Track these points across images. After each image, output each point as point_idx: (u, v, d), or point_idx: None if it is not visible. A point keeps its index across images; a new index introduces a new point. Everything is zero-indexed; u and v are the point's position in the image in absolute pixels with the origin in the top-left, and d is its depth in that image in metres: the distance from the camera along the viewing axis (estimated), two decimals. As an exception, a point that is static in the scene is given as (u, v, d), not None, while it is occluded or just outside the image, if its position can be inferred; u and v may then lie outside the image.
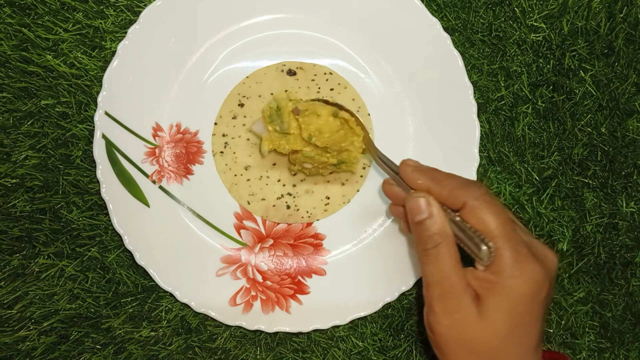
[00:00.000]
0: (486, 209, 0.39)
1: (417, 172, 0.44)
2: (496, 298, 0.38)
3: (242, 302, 0.53)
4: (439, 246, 0.41)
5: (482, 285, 0.39)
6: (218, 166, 0.55)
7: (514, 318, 0.38)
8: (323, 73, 0.55)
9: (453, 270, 0.40)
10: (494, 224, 0.39)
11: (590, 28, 0.55)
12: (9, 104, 0.54)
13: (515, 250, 0.38)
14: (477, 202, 0.40)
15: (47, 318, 0.53)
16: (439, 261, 0.41)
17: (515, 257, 0.38)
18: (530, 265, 0.38)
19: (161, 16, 0.53)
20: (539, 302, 0.39)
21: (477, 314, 0.39)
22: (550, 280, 0.39)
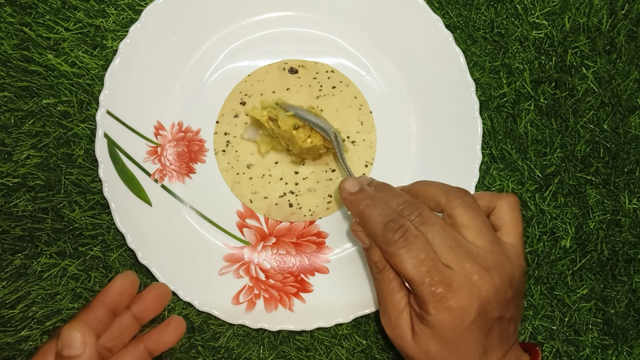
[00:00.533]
0: (399, 255, 0.41)
1: (347, 202, 0.46)
2: (420, 326, 0.42)
3: (245, 301, 0.53)
4: (381, 272, 0.45)
5: (413, 311, 0.43)
6: (220, 165, 0.54)
7: (440, 343, 0.42)
8: (325, 71, 0.55)
9: (393, 292, 0.44)
10: (407, 268, 0.41)
11: (592, 25, 0.55)
12: (10, 103, 0.54)
13: (429, 291, 0.40)
14: (390, 249, 0.42)
15: (50, 318, 0.53)
16: (382, 284, 0.45)
17: (429, 297, 0.41)
18: (446, 304, 0.40)
19: (163, 14, 0.53)
20: (464, 328, 0.41)
21: (411, 333, 0.43)
22: (479, 307, 0.41)
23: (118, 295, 0.43)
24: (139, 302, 0.44)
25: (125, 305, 0.44)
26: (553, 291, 0.54)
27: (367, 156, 0.55)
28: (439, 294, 0.40)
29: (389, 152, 0.55)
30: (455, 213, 0.43)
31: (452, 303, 0.40)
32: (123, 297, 0.43)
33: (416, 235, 0.42)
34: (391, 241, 0.42)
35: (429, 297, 0.41)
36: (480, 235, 0.43)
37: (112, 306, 0.43)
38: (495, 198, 0.46)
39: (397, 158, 0.55)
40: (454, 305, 0.40)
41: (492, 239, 0.43)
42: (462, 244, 0.42)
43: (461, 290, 0.41)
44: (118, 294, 0.43)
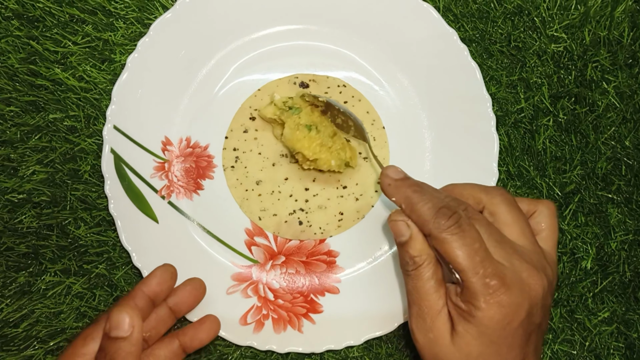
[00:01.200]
0: (452, 242, 0.39)
1: (392, 187, 0.43)
2: (465, 325, 0.39)
3: (253, 321, 0.51)
4: (418, 268, 0.41)
5: (455, 310, 0.40)
6: (229, 181, 0.53)
7: (484, 344, 0.39)
8: (336, 85, 0.54)
9: (430, 291, 0.41)
10: (460, 257, 0.39)
11: (613, 38, 0.53)
12: (17, 118, 0.53)
13: (482, 282, 0.38)
14: (442, 235, 0.39)
15: (54, 337, 0.52)
16: (418, 282, 0.42)
17: (482, 289, 0.38)
18: (498, 298, 0.38)
19: (171, 28, 0.52)
20: (513, 328, 0.39)
21: (450, 335, 0.40)
22: (528, 308, 0.39)
23: (158, 285, 0.45)
24: (175, 295, 0.47)
25: (164, 297, 0.46)
26: (573, 314, 0.52)
27: (379, 173, 0.53)
28: (493, 287, 0.38)
29: (403, 168, 0.53)
30: (498, 210, 0.42)
31: (505, 298, 0.38)
32: (162, 288, 0.45)
33: (469, 224, 0.40)
34: (444, 226, 0.39)
35: (482, 289, 0.38)
36: (524, 235, 0.42)
37: (152, 296, 0.45)
38: (535, 202, 0.45)
39: (411, 174, 0.53)
40: (507, 300, 0.38)
41: (534, 240, 0.42)
42: (507, 240, 0.41)
43: (514, 286, 0.38)
44: (158, 284, 0.45)
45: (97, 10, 0.54)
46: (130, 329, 0.39)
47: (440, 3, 0.54)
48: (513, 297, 0.38)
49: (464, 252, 0.38)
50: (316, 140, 0.50)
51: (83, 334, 0.43)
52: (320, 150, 0.51)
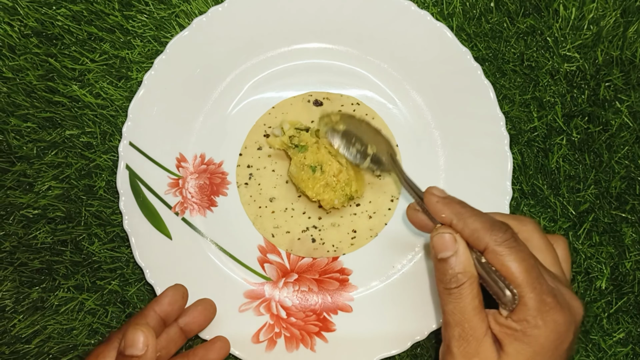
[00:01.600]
0: (510, 255, 0.38)
1: (441, 204, 0.42)
2: (517, 346, 0.38)
3: (266, 339, 0.51)
4: (462, 286, 0.40)
5: (504, 331, 0.38)
6: (242, 198, 0.53)
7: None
8: (350, 104, 0.54)
9: (475, 311, 0.39)
10: (518, 270, 0.38)
11: (626, 58, 0.54)
12: (33, 134, 0.53)
13: (540, 299, 0.37)
14: (500, 248, 0.38)
15: (65, 354, 0.52)
16: (461, 301, 0.40)
17: (539, 306, 0.37)
18: (554, 316, 0.37)
19: (187, 47, 0.53)
20: (561, 352, 0.38)
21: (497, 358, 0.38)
22: (574, 331, 0.38)
23: (169, 305, 0.46)
24: (186, 315, 0.47)
25: (175, 316, 0.46)
26: (588, 335, 0.52)
27: (393, 190, 0.53)
28: (549, 304, 0.37)
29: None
30: (532, 237, 0.42)
31: (559, 317, 0.37)
32: (174, 308, 0.46)
33: (522, 241, 0.39)
34: (501, 239, 0.38)
35: (540, 306, 0.37)
36: (556, 263, 0.41)
37: (164, 315, 0.45)
38: (551, 237, 0.44)
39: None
40: (561, 320, 0.37)
41: (562, 269, 0.42)
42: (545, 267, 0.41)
43: (565, 306, 0.38)
44: (169, 303, 0.46)
45: (115, 28, 0.54)
46: (144, 348, 0.40)
47: (454, 23, 0.54)
48: (566, 316, 0.37)
49: (522, 266, 0.38)
50: (320, 182, 0.51)
51: (95, 352, 0.43)
52: (323, 191, 0.51)
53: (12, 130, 0.53)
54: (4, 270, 0.52)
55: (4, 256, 0.52)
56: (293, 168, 0.52)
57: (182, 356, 0.47)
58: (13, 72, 0.54)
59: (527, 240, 0.41)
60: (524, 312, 0.37)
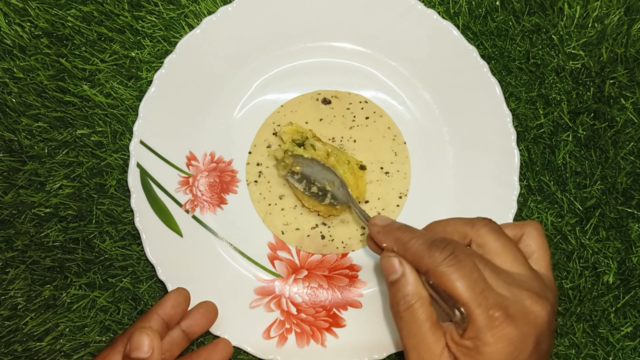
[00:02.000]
0: (450, 274, 0.37)
1: (382, 234, 0.43)
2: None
3: (277, 335, 0.51)
4: (412, 307, 0.39)
5: (460, 349, 0.38)
6: (252, 195, 0.54)
7: None
8: (358, 102, 0.55)
9: (429, 332, 0.39)
10: (461, 289, 0.37)
11: (630, 55, 0.54)
12: (45, 134, 0.54)
13: (487, 315, 0.36)
14: (440, 268, 0.38)
15: (77, 351, 0.52)
16: (413, 323, 0.39)
17: (487, 322, 0.36)
18: (505, 330, 0.36)
19: (197, 46, 0.53)
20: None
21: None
22: (536, 336, 0.37)
23: (173, 308, 0.46)
24: (188, 317, 0.48)
25: (178, 319, 0.47)
26: (596, 329, 0.52)
27: (401, 187, 0.54)
28: (498, 319, 0.36)
29: (424, 184, 0.54)
30: (486, 241, 0.40)
31: (511, 330, 0.36)
32: (177, 311, 0.46)
33: (464, 253, 0.38)
34: (439, 259, 0.38)
35: (487, 323, 0.36)
36: (517, 262, 0.40)
37: (167, 319, 0.46)
38: (521, 225, 0.43)
39: (432, 189, 0.54)
40: (513, 332, 0.36)
41: (529, 266, 0.40)
42: (502, 270, 0.39)
43: (518, 316, 0.37)
44: (173, 307, 0.46)
45: (124, 29, 0.55)
46: (150, 351, 0.40)
47: (460, 21, 0.55)
48: (519, 328, 0.37)
49: (464, 283, 0.37)
50: None
51: (100, 356, 0.43)
52: (318, 203, 0.52)
53: (23, 130, 0.54)
54: (16, 269, 0.53)
55: (16, 254, 0.53)
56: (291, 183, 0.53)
57: (186, 357, 0.48)
58: (24, 72, 0.54)
59: (483, 245, 0.40)
60: (474, 330, 0.37)
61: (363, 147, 0.54)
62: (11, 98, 0.54)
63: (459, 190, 0.53)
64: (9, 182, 0.53)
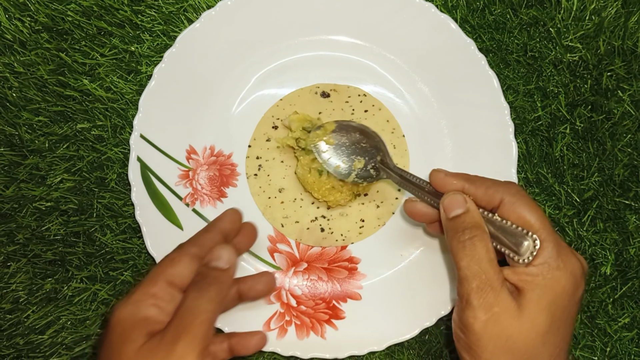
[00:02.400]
0: (524, 204, 0.40)
1: (450, 176, 0.44)
2: (537, 291, 0.39)
3: (277, 327, 0.51)
4: (475, 238, 0.41)
5: (523, 279, 0.39)
6: (252, 189, 0.54)
7: (554, 313, 0.38)
8: (357, 95, 0.55)
9: (491, 263, 0.40)
10: (534, 217, 0.39)
11: (627, 48, 0.54)
12: (45, 128, 0.54)
13: (558, 242, 0.39)
14: (514, 198, 0.41)
15: (79, 343, 0.52)
16: (475, 253, 0.40)
17: (559, 249, 0.39)
18: (572, 259, 0.39)
19: (197, 40, 0.53)
20: (577, 299, 0.39)
21: (517, 307, 0.39)
22: (585, 279, 0.40)
23: (230, 223, 0.47)
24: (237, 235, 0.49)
25: (234, 235, 0.48)
26: (594, 320, 0.53)
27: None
28: (565, 248, 0.39)
29: (423, 176, 0.54)
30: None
31: (575, 262, 0.39)
32: (233, 227, 0.47)
33: None
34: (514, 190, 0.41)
35: (559, 249, 0.39)
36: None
37: (225, 233, 0.47)
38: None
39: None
40: (577, 265, 0.39)
41: None
42: None
43: (576, 255, 0.40)
44: (230, 222, 0.47)
45: (124, 23, 0.55)
46: (228, 264, 0.42)
47: (458, 15, 0.55)
48: (579, 262, 0.39)
49: (537, 213, 0.40)
50: (326, 185, 0.52)
51: (169, 257, 0.44)
52: (329, 193, 0.52)
53: (24, 124, 0.54)
54: (18, 262, 0.53)
55: (18, 248, 0.53)
56: (299, 170, 0.53)
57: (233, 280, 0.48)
58: (24, 67, 0.54)
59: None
60: (545, 256, 0.39)
61: (362, 140, 0.55)
62: (12, 92, 0.54)
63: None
64: (10, 176, 0.54)
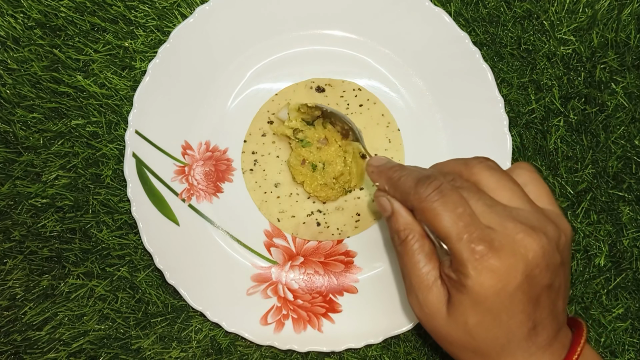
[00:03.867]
0: (432, 210, 0.38)
1: (375, 173, 0.44)
2: (459, 297, 0.38)
3: (274, 321, 0.52)
4: (405, 241, 0.41)
5: (449, 281, 0.39)
6: (248, 184, 0.54)
7: (479, 313, 0.38)
8: (352, 89, 0.55)
9: (419, 265, 0.40)
10: (442, 223, 0.37)
11: (620, 40, 0.55)
12: (40, 125, 0.54)
13: (468, 248, 0.36)
14: (423, 204, 0.38)
15: (77, 339, 0.52)
16: (406, 255, 0.41)
17: (468, 256, 0.36)
18: (487, 262, 0.36)
19: (191, 35, 0.53)
20: (509, 294, 0.37)
21: (446, 308, 0.39)
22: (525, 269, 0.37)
23: None
24: None
25: None
26: (588, 311, 0.53)
27: (395, 174, 0.54)
28: (480, 252, 0.36)
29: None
30: (480, 177, 0.40)
31: (494, 262, 0.36)
32: None
33: (451, 189, 0.38)
34: (424, 194, 0.38)
35: (468, 256, 0.36)
36: (515, 196, 0.39)
37: None
38: (509, 170, 0.42)
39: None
40: (497, 264, 0.36)
41: (528, 199, 0.40)
42: (499, 204, 0.39)
43: (504, 248, 0.36)
44: None
45: (117, 19, 0.55)
46: None
47: (452, 8, 0.55)
48: (503, 260, 0.36)
49: (446, 217, 0.37)
50: (318, 180, 0.52)
51: None
52: (321, 189, 0.53)
53: (18, 121, 0.54)
54: (14, 259, 0.53)
55: (14, 245, 0.53)
56: (293, 160, 0.53)
57: None
58: (18, 63, 0.54)
59: (478, 182, 0.40)
60: (456, 263, 0.37)
61: (357, 135, 0.55)
62: (5, 89, 0.54)
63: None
64: (5, 173, 0.54)
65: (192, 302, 0.51)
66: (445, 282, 0.40)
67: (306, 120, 0.53)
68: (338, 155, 0.53)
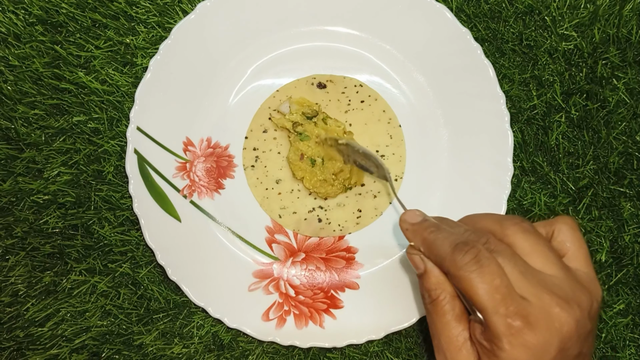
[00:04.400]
0: (470, 280, 0.37)
1: (410, 232, 0.44)
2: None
3: (275, 317, 0.52)
4: (437, 301, 0.41)
5: (480, 347, 0.38)
6: (249, 180, 0.54)
7: None
8: (353, 85, 0.55)
9: (449, 326, 0.40)
10: (479, 295, 0.37)
11: (622, 36, 0.55)
12: (41, 121, 0.54)
13: (505, 323, 0.36)
14: (460, 273, 0.38)
15: (79, 335, 0.53)
16: (436, 315, 0.41)
17: (504, 330, 0.36)
18: (523, 338, 0.36)
19: (192, 31, 0.53)
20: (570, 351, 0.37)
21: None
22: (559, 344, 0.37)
23: None
24: None
25: None
26: (589, 306, 0.53)
27: (396, 170, 0.55)
28: (516, 328, 0.36)
29: (419, 166, 0.54)
30: (514, 240, 0.40)
31: (530, 338, 0.36)
32: None
33: (488, 258, 0.38)
34: (461, 263, 0.38)
35: (504, 330, 0.36)
36: (549, 262, 0.39)
37: None
38: (552, 222, 0.42)
39: (427, 171, 0.54)
40: (532, 341, 0.36)
41: (562, 265, 0.39)
42: (533, 271, 0.38)
43: (540, 324, 0.36)
44: None
45: (119, 15, 0.55)
46: None
47: (453, 4, 0.55)
48: (539, 336, 0.36)
49: (483, 289, 0.37)
50: (317, 176, 0.53)
51: None
52: (320, 185, 0.53)
53: (20, 118, 0.54)
54: (16, 256, 0.53)
55: (16, 242, 0.53)
56: (292, 155, 0.53)
57: None
58: (19, 60, 0.54)
59: (512, 245, 0.40)
60: (491, 334, 0.37)
61: (358, 131, 0.55)
62: (7, 86, 0.54)
63: (454, 172, 0.54)
64: (7, 169, 0.54)
65: (194, 298, 0.51)
66: (476, 345, 0.39)
67: (307, 114, 0.53)
68: (335, 153, 0.53)
